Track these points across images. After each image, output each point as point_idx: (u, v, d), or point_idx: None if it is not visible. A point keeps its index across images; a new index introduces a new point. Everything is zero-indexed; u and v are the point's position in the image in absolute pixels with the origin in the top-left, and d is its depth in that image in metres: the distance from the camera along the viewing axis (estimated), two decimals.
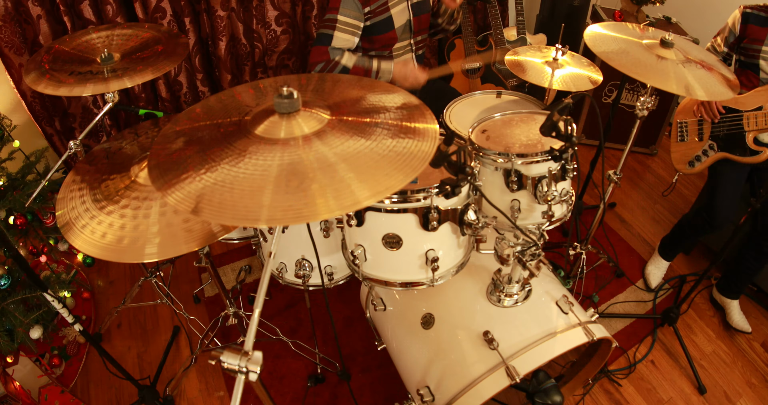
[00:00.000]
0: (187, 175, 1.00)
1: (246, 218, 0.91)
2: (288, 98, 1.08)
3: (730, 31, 2.39)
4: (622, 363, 2.58)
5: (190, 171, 1.01)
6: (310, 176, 0.96)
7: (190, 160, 1.05)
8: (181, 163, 1.04)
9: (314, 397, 2.42)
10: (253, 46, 3.17)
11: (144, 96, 3.06)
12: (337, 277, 2.11)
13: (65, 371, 2.51)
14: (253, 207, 0.92)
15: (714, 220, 2.50)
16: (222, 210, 0.92)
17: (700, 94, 1.78)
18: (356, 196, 0.93)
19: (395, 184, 0.97)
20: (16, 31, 2.59)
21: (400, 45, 2.57)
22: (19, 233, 2.35)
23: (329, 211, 0.91)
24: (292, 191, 0.93)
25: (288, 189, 0.94)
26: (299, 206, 0.91)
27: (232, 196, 0.94)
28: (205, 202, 0.94)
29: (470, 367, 1.68)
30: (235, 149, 1.05)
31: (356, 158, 1.01)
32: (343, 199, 0.92)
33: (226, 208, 0.92)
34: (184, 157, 1.06)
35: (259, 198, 0.93)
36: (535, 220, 1.93)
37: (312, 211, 0.90)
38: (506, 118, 2.04)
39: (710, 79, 1.85)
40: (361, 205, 0.92)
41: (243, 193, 0.94)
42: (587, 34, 2.03)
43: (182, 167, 1.03)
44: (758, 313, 2.86)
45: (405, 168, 1.01)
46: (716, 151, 2.49)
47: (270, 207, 0.91)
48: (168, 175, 1.02)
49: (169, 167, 1.04)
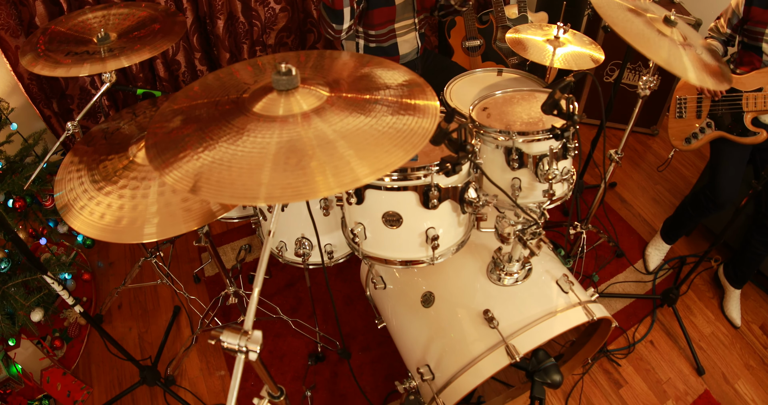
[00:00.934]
0: (185, 154, 0.99)
1: (244, 196, 0.90)
2: (286, 75, 1.06)
3: (733, 13, 2.35)
4: (622, 343, 2.59)
5: (188, 150, 1.00)
6: (309, 153, 0.95)
7: (188, 138, 1.03)
8: (179, 142, 1.03)
9: (315, 375, 2.43)
10: (252, 25, 3.14)
11: (142, 76, 3.04)
12: (337, 256, 2.11)
13: (67, 353, 2.52)
14: (251, 185, 0.90)
15: (717, 198, 2.49)
16: (220, 189, 0.91)
17: (691, 77, 1.74)
18: (356, 174, 0.92)
19: (395, 161, 0.95)
20: (12, 13, 2.55)
21: (404, 24, 2.55)
22: (19, 216, 2.35)
23: (328, 188, 0.89)
24: (290, 169, 0.92)
25: (287, 167, 0.93)
26: (298, 184, 0.90)
27: (230, 174, 0.93)
28: (204, 181, 0.93)
29: (470, 346, 1.68)
30: (233, 127, 1.03)
31: (356, 135, 1.00)
32: (342, 177, 0.91)
33: (225, 187, 0.91)
34: (182, 136, 1.04)
35: (258, 176, 0.92)
36: (535, 199, 1.92)
37: (311, 189, 0.89)
38: (507, 96, 2.03)
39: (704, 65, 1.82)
40: (361, 182, 0.91)
41: (241, 171, 0.93)
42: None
43: (180, 146, 1.02)
44: (757, 296, 2.86)
45: (405, 145, 0.99)
46: (713, 130, 2.48)
47: (268, 185, 0.90)
48: (166, 154, 1.01)
49: (166, 146, 1.03)
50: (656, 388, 2.42)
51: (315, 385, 2.40)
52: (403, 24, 2.54)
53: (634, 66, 3.58)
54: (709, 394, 2.41)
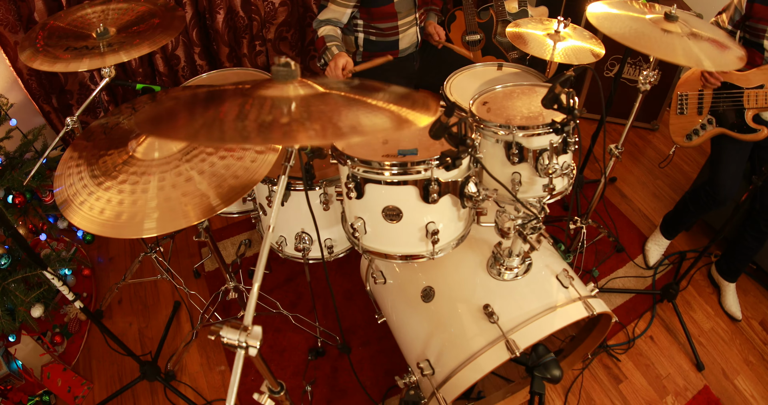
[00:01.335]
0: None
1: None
2: (285, 67, 1.05)
3: (735, 9, 2.34)
4: (621, 338, 2.59)
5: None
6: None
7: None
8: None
9: (315, 370, 2.43)
10: (251, 19, 3.13)
11: (141, 71, 3.03)
12: (337, 250, 2.11)
13: (67, 349, 2.52)
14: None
15: (717, 195, 2.49)
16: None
17: (708, 65, 1.75)
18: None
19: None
20: (11, 9, 2.55)
21: (406, 20, 2.54)
22: (18, 212, 2.35)
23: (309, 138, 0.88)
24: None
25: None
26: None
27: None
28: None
29: (470, 341, 1.68)
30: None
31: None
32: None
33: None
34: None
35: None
36: (536, 194, 1.92)
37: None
38: (507, 90, 2.02)
39: (717, 51, 1.82)
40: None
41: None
42: (590, 13, 1.99)
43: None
44: (757, 291, 2.86)
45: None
46: (714, 126, 2.47)
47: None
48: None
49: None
50: (656, 383, 2.42)
51: (315, 380, 2.40)
52: (406, 20, 2.54)
53: (635, 61, 3.58)
54: (708, 390, 2.41)
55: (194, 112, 0.97)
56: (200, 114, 0.96)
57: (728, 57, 1.80)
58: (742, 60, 1.82)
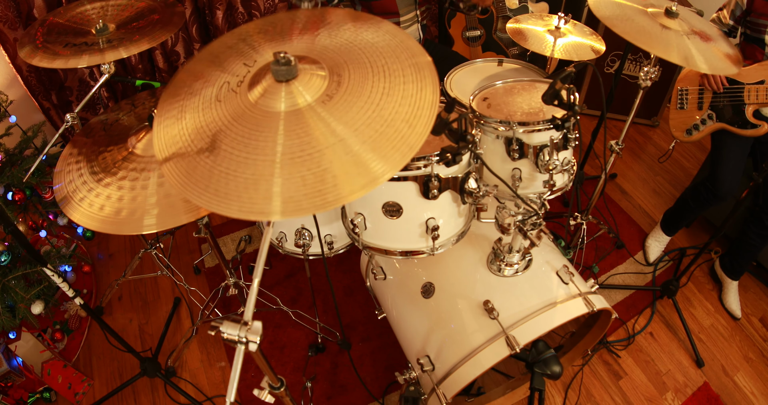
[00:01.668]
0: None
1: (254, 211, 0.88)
2: (285, 65, 1.05)
3: (736, 4, 2.33)
4: (621, 334, 2.59)
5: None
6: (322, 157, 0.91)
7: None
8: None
9: (315, 366, 2.44)
10: (251, 15, 3.12)
11: (141, 67, 3.03)
12: (337, 246, 2.11)
13: (67, 345, 2.53)
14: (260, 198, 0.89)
15: (718, 191, 2.49)
16: (228, 201, 0.89)
17: (702, 67, 1.74)
18: (373, 173, 0.89)
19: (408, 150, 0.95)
20: (10, 5, 2.54)
21: (407, 17, 2.54)
22: (18, 209, 2.35)
23: (352, 192, 0.87)
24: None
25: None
26: (314, 193, 0.87)
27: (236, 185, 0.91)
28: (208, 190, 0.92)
29: (470, 337, 1.68)
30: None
31: (365, 128, 0.96)
32: (361, 178, 0.88)
33: (232, 200, 0.89)
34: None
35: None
36: (536, 190, 1.92)
37: (334, 197, 0.86)
38: (508, 86, 2.02)
39: (712, 53, 1.82)
40: (379, 181, 0.89)
41: (247, 181, 0.91)
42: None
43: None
44: (757, 288, 2.86)
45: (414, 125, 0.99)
46: (715, 122, 2.47)
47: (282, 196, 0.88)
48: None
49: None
50: (656, 379, 2.43)
51: (315, 376, 2.40)
52: (406, 17, 2.53)
53: (635, 57, 3.57)
54: (708, 387, 2.41)
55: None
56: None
57: (723, 61, 1.79)
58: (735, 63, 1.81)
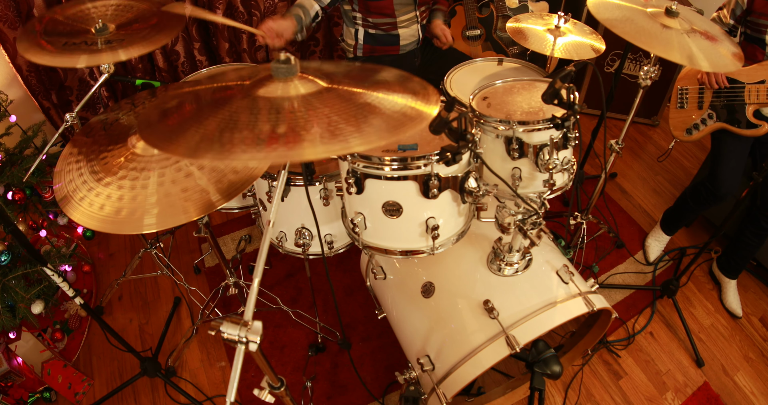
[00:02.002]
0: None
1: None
2: (285, 63, 1.05)
3: (737, 4, 2.32)
4: (621, 334, 2.59)
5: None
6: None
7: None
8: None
9: (315, 366, 2.44)
10: (251, 14, 3.12)
11: (141, 66, 3.03)
12: (337, 246, 2.11)
13: (68, 345, 2.53)
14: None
15: (717, 190, 2.49)
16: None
17: (704, 65, 1.74)
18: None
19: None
20: (10, 5, 2.55)
21: (406, 17, 2.53)
22: (18, 208, 2.35)
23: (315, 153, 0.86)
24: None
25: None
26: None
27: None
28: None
29: (470, 336, 1.68)
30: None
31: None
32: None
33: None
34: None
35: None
36: (536, 189, 1.92)
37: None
38: (508, 86, 2.02)
39: (715, 51, 1.82)
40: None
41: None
42: (590, 1, 1.99)
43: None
44: (757, 288, 2.86)
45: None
46: (715, 121, 2.47)
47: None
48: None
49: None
50: (656, 379, 2.43)
51: (315, 375, 2.40)
52: (405, 17, 2.52)
53: (635, 56, 3.57)
54: (708, 386, 2.41)
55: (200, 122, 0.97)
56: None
57: (726, 58, 1.79)
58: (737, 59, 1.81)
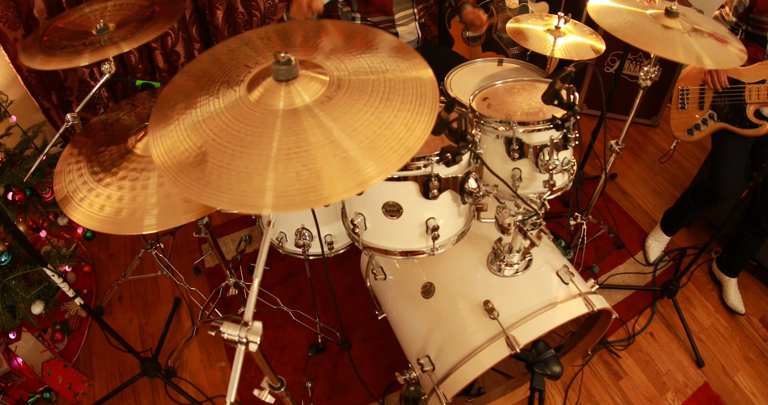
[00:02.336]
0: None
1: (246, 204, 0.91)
2: (286, 64, 1.05)
3: (739, 1, 2.32)
4: (622, 334, 2.59)
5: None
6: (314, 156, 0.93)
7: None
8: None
9: (315, 366, 2.44)
10: (251, 14, 3.12)
11: (141, 67, 3.03)
12: (337, 246, 2.11)
13: (68, 346, 2.53)
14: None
15: (718, 191, 2.49)
16: (220, 194, 0.92)
17: (708, 63, 1.74)
18: (363, 175, 0.91)
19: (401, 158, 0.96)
20: (10, 5, 2.55)
21: (404, 14, 2.53)
22: (18, 209, 2.35)
23: (336, 193, 0.88)
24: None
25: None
26: (307, 189, 0.89)
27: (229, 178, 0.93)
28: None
29: (470, 337, 1.68)
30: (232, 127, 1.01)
31: (360, 131, 0.98)
32: (349, 180, 0.90)
33: (224, 193, 0.92)
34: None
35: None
36: (536, 189, 1.92)
37: (319, 195, 0.88)
38: (508, 86, 2.02)
39: (718, 48, 1.82)
40: (369, 184, 0.90)
41: (241, 175, 0.93)
42: (591, 6, 1.98)
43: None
44: (757, 288, 2.86)
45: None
46: (716, 121, 2.47)
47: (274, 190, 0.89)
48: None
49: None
50: (656, 379, 2.43)
51: (315, 376, 2.40)
52: (403, 14, 2.52)
53: (635, 56, 3.57)
54: (708, 387, 2.41)
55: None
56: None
57: (729, 55, 1.79)
58: (742, 57, 1.81)
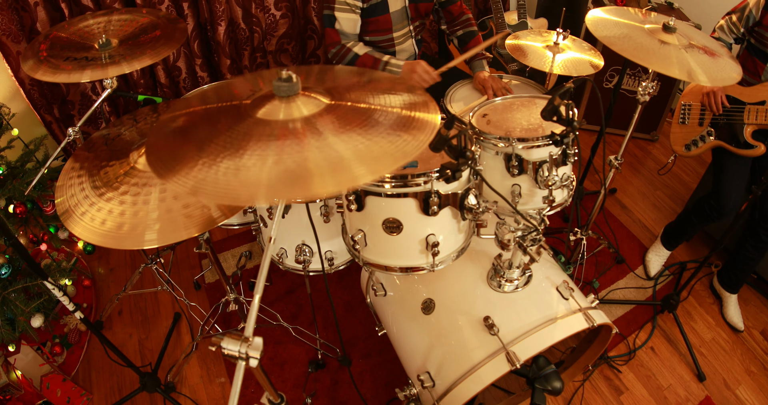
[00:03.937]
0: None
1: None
2: (287, 81, 1.06)
3: (750, 12, 2.30)
4: (622, 349, 2.58)
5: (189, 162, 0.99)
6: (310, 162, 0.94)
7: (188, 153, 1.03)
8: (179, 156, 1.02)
9: (315, 382, 2.42)
10: (252, 31, 3.15)
11: (143, 82, 3.04)
12: (337, 263, 2.11)
13: (67, 359, 2.52)
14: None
15: (723, 207, 2.48)
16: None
17: (703, 80, 1.76)
18: (353, 173, 0.92)
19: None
20: (14, 19, 2.57)
21: (401, 33, 2.55)
22: (19, 222, 2.35)
23: (324, 187, 0.90)
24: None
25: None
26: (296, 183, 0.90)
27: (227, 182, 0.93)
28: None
29: (471, 353, 1.68)
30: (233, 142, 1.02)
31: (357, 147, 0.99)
32: (340, 176, 0.91)
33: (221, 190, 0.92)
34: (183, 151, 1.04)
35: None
36: (535, 205, 1.92)
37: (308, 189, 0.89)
38: (507, 103, 2.03)
39: (713, 65, 1.83)
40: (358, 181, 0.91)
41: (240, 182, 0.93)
42: (589, 18, 2.01)
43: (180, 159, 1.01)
44: (758, 301, 2.86)
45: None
46: (714, 139, 2.48)
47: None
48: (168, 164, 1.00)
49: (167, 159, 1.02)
50: (657, 394, 2.42)
51: (315, 392, 2.39)
52: (401, 33, 2.54)
53: (634, 72, 3.59)
54: (710, 401, 2.40)
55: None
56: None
57: (725, 72, 1.81)
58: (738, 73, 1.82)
